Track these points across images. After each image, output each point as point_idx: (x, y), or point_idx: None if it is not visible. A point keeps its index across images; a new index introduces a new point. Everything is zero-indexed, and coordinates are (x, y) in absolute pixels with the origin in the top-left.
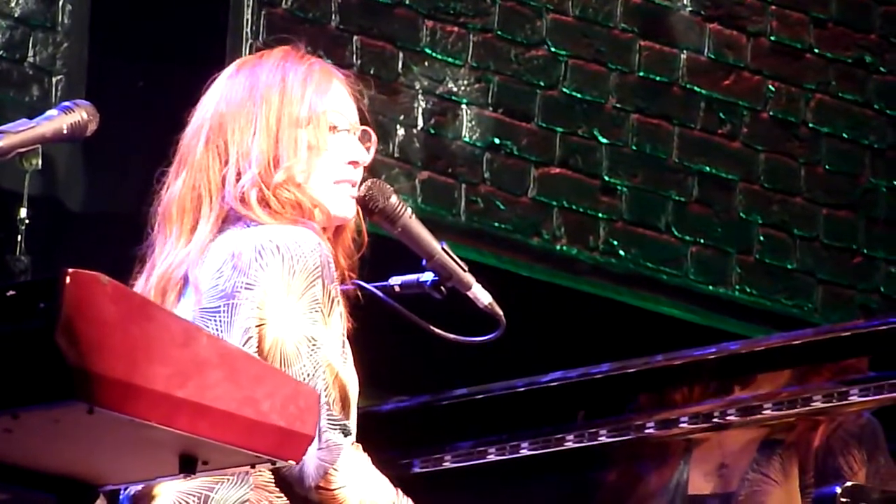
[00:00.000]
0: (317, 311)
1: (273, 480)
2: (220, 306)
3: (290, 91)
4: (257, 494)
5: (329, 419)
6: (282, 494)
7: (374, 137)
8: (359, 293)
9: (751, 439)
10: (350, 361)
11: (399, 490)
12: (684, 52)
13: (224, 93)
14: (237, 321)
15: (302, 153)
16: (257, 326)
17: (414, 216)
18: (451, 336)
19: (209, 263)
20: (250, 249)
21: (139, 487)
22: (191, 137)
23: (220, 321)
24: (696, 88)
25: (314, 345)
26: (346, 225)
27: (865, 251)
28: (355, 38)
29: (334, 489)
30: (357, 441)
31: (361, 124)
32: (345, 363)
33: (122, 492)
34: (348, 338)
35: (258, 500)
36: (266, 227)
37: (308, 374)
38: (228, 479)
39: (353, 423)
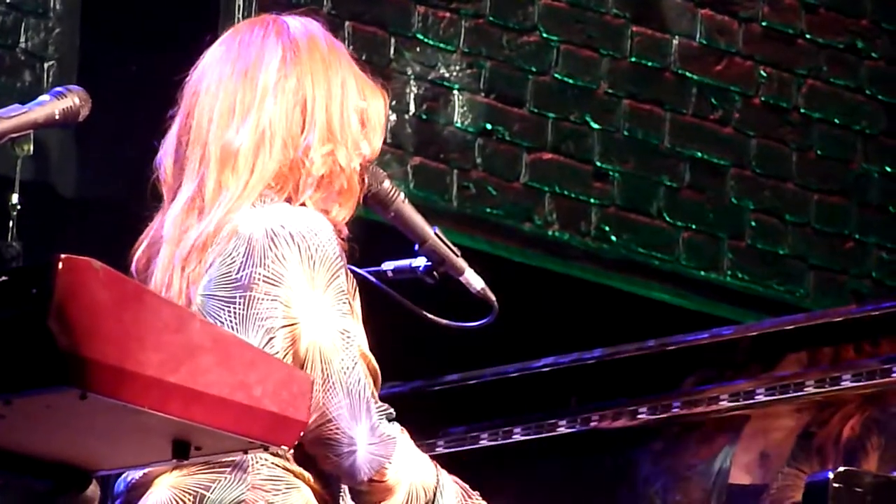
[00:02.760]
0: (344, 303)
1: (270, 479)
2: (235, 297)
3: (335, 73)
4: (254, 495)
5: (378, 411)
6: (278, 492)
7: None
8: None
9: (788, 433)
10: None
11: (437, 464)
12: (676, 37)
13: (246, 58)
14: (256, 317)
15: (371, 140)
16: (287, 327)
17: (406, 201)
18: (444, 321)
19: (224, 246)
20: (261, 235)
21: (137, 476)
22: (197, 88)
23: (236, 313)
24: (687, 74)
25: (348, 337)
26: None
27: (857, 236)
28: (347, 23)
29: (387, 480)
30: None
31: None
32: None
33: (118, 479)
34: None
35: (254, 501)
36: (277, 209)
37: (348, 368)
38: (226, 478)
39: None
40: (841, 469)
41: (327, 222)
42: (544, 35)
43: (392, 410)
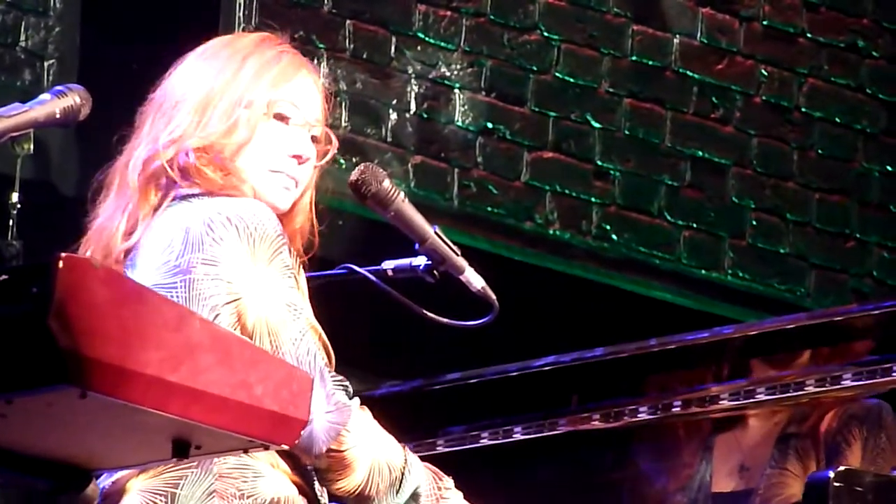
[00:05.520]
0: (289, 277)
1: (237, 467)
2: (175, 282)
3: (244, 71)
4: (223, 483)
5: (333, 380)
6: (247, 480)
7: (334, 141)
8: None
9: (767, 435)
10: None
11: (405, 446)
12: (677, 36)
13: (184, 68)
14: (198, 297)
15: (236, 130)
16: (230, 303)
17: (406, 200)
18: (444, 320)
19: (156, 237)
20: (199, 223)
21: (108, 484)
22: (143, 107)
23: (178, 297)
24: (688, 73)
25: (295, 309)
26: (294, 221)
27: (858, 235)
28: (348, 22)
29: (345, 450)
30: None
31: (339, 122)
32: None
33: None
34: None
35: (224, 489)
36: (211, 199)
37: (296, 339)
38: (193, 473)
39: None
40: (841, 468)
41: (265, 206)
42: (545, 34)
43: (348, 384)
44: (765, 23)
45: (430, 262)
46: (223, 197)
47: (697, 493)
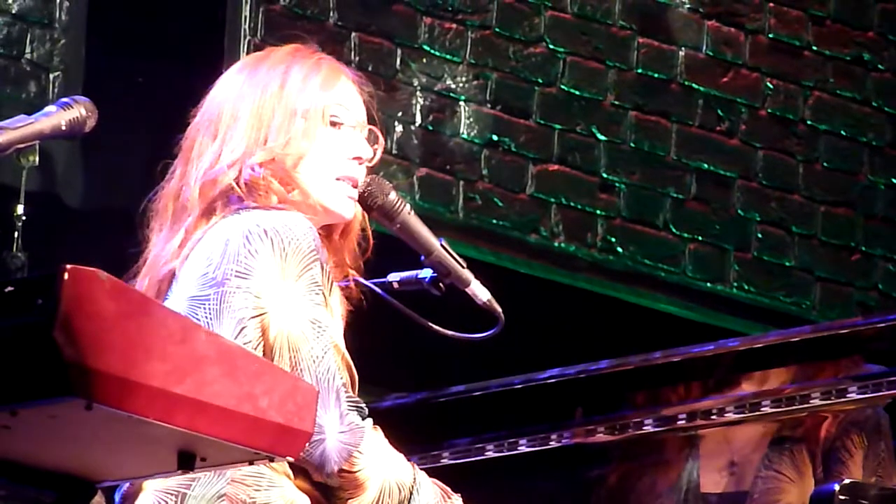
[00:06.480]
0: (317, 294)
1: (252, 475)
2: (209, 294)
3: (291, 82)
4: (234, 488)
5: (348, 401)
6: (261, 489)
7: (380, 139)
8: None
9: (760, 437)
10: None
11: (414, 464)
12: (682, 49)
13: (225, 87)
14: (228, 310)
15: (295, 141)
16: (256, 316)
17: (412, 213)
18: (450, 333)
19: (199, 252)
20: (238, 236)
21: (126, 486)
22: (188, 131)
23: (210, 309)
24: (694, 86)
25: (319, 326)
26: (352, 227)
27: (863, 248)
28: (353, 34)
29: (356, 471)
30: None
31: (369, 124)
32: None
33: (117, 490)
34: (343, 333)
35: (235, 494)
36: (255, 212)
37: (317, 357)
38: (206, 475)
39: None
40: (847, 481)
41: (304, 219)
42: (550, 46)
43: (364, 406)
44: (770, 36)
45: (435, 275)
46: (272, 210)
47: (688, 496)
